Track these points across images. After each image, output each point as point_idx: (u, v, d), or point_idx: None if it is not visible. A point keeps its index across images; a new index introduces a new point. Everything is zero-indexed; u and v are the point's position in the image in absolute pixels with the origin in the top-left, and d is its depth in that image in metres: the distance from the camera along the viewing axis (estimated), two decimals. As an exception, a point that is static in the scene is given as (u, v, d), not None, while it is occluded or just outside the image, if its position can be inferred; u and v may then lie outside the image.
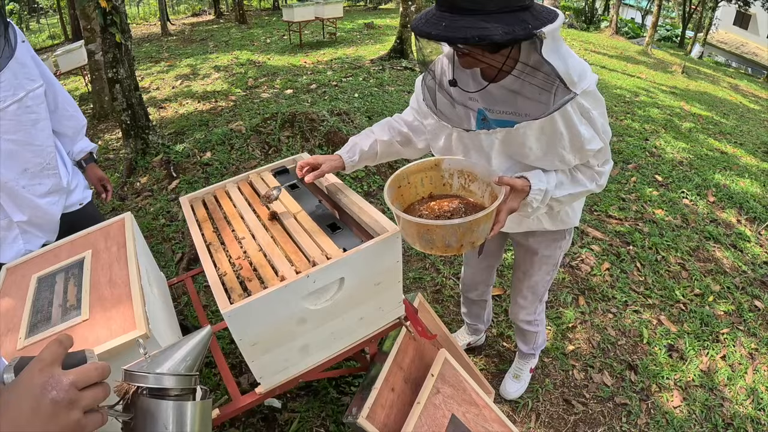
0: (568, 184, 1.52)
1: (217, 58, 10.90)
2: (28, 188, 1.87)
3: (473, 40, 1.17)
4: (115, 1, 4.39)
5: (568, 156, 1.44)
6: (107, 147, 6.12)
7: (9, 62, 1.71)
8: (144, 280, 1.50)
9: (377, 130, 1.82)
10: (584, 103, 1.36)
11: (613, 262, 3.66)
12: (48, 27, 26.40)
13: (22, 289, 1.51)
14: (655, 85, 10.80)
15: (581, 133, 1.39)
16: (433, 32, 1.21)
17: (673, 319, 3.16)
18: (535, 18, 1.22)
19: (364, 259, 1.44)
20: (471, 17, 1.19)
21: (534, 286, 2.12)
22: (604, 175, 1.56)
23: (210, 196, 1.92)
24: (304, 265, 1.40)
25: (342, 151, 1.77)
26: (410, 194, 1.53)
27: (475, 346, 2.81)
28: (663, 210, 4.51)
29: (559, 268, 2.12)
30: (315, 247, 1.46)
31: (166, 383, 0.85)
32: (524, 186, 1.42)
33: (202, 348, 0.95)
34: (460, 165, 1.51)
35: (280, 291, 1.30)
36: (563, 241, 1.97)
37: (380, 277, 1.53)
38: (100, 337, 1.24)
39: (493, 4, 1.18)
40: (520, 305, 2.21)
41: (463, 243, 1.30)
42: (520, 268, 2.11)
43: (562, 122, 1.37)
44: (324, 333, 1.52)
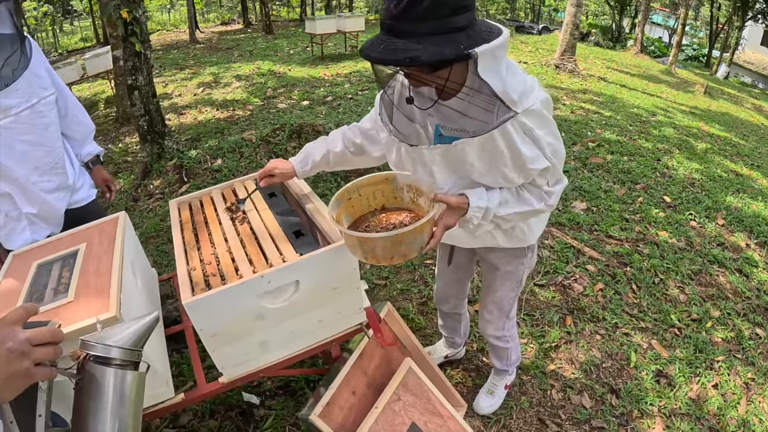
0: (514, 202, 1.53)
1: (239, 67, 11.16)
2: (38, 184, 2.11)
3: (404, 62, 1.24)
4: (136, 13, 4.62)
5: (511, 174, 1.46)
6: (127, 150, 6.37)
7: (24, 72, 1.95)
8: (126, 271, 1.65)
9: (331, 139, 1.90)
10: (526, 121, 1.38)
11: (607, 283, 3.57)
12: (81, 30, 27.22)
13: (23, 272, 1.69)
14: (675, 105, 10.63)
15: (522, 152, 1.40)
16: (372, 54, 1.27)
17: (665, 344, 3.07)
18: (470, 38, 1.24)
19: (319, 264, 1.56)
20: (406, 40, 1.23)
21: (498, 302, 2.13)
22: (554, 195, 1.55)
23: (196, 201, 2.09)
24: (263, 267, 1.53)
25: (295, 160, 1.89)
26: (362, 206, 1.60)
27: (453, 359, 2.80)
28: (667, 232, 4.36)
29: (524, 286, 2.14)
30: (275, 251, 1.61)
31: (110, 353, 1.01)
32: (460, 203, 1.46)
33: (147, 329, 1.10)
34: (408, 180, 1.56)
35: (237, 288, 1.44)
36: (525, 258, 1.97)
37: (337, 283, 1.65)
38: (80, 315, 1.40)
39: (426, 27, 1.22)
40: (486, 320, 2.22)
41: (394, 255, 1.36)
42: (486, 283, 2.15)
43: (502, 141, 1.39)
44: (283, 331, 1.65)
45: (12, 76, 1.90)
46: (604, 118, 7.77)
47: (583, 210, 4.62)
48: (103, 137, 7.17)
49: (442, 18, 1.22)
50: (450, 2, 1.22)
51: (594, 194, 4.90)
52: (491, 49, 1.24)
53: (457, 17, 1.24)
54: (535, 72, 11.25)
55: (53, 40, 24.29)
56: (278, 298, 1.56)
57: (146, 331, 1.09)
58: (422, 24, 1.22)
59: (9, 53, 1.91)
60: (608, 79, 12.16)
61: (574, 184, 5.09)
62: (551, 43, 16.71)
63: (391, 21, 1.25)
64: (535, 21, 34.70)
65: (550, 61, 12.25)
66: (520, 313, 3.18)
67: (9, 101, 1.92)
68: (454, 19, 1.24)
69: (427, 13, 1.21)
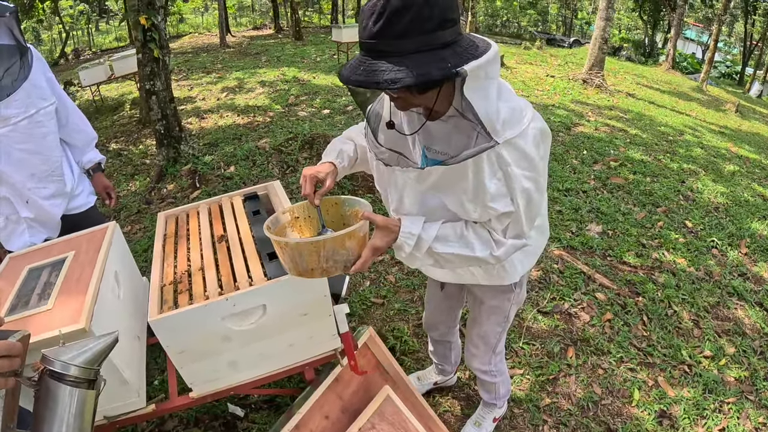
0: (454, 241, 1.37)
1: (264, 73, 11.24)
2: (34, 190, 2.17)
3: (386, 85, 1.09)
4: (155, 19, 4.68)
5: (468, 205, 1.32)
6: (146, 152, 6.48)
7: (23, 83, 2.00)
8: (107, 281, 1.67)
9: (351, 135, 1.73)
10: (504, 154, 1.22)
11: (616, 314, 3.39)
12: (115, 29, 27.87)
13: (15, 275, 1.74)
14: (704, 124, 10.33)
15: (486, 186, 1.26)
16: (351, 77, 1.15)
17: (672, 382, 2.86)
18: (458, 55, 1.12)
19: (287, 289, 1.54)
20: (388, 60, 1.11)
21: (484, 336, 2.01)
22: (504, 248, 1.37)
23: (183, 214, 2.09)
24: (230, 289, 1.52)
25: (331, 158, 1.63)
26: (311, 228, 1.55)
27: (443, 386, 2.71)
28: (686, 259, 4.14)
29: (511, 318, 2.02)
30: (244, 273, 1.59)
31: (65, 370, 1.05)
32: (390, 224, 1.34)
33: (105, 348, 1.13)
34: (354, 205, 1.50)
35: (201, 309, 1.43)
36: (512, 294, 1.84)
37: (306, 309, 1.63)
38: (53, 324, 1.42)
39: (410, 44, 1.10)
40: (472, 353, 2.11)
41: (314, 268, 1.29)
42: (471, 316, 2.04)
43: (471, 166, 1.25)
44: (252, 353, 1.63)
45: (11, 86, 1.95)
46: (629, 136, 7.59)
47: (598, 233, 4.46)
48: (126, 138, 7.30)
49: (427, 33, 1.10)
50: (435, 15, 1.09)
51: (611, 216, 4.74)
52: (482, 66, 1.12)
53: (443, 32, 1.12)
54: (561, 87, 11.12)
55: (88, 38, 24.88)
56: (245, 320, 1.54)
57: (104, 351, 1.12)
58: (404, 41, 1.10)
59: (9, 64, 1.95)
60: (637, 95, 11.94)
61: (591, 206, 4.93)
62: (581, 56, 16.49)
63: (369, 40, 1.13)
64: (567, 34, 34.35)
65: (578, 75, 12.09)
66: (518, 341, 3.08)
67: (8, 111, 1.97)
68: (440, 34, 1.12)
69: (410, 28, 1.09)
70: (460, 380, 2.77)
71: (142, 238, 4.29)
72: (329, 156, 1.64)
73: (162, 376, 2.65)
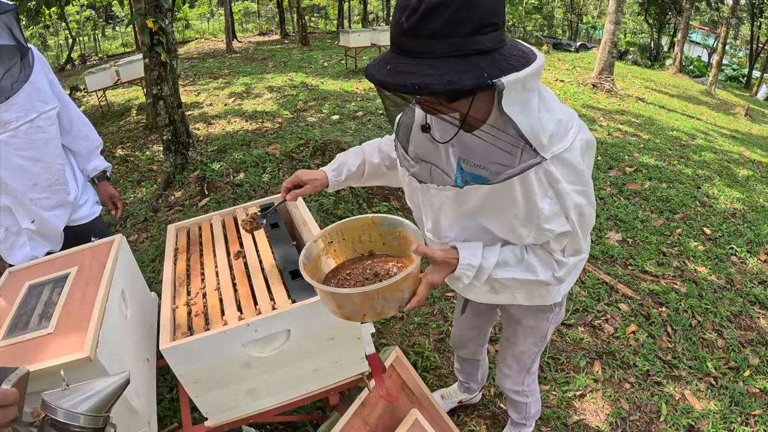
0: (515, 266, 1.28)
1: (272, 78, 11.16)
2: (35, 201, 2.05)
3: (410, 88, 1.00)
4: (162, 23, 4.57)
5: (521, 230, 1.23)
6: (153, 158, 6.37)
7: (24, 85, 1.89)
8: (113, 301, 1.56)
9: (368, 150, 1.67)
10: (553, 170, 1.14)
11: (641, 325, 3.31)
12: (122, 35, 27.95)
13: (14, 293, 1.64)
14: (715, 128, 10.23)
15: (539, 207, 1.17)
16: (377, 75, 1.05)
17: (699, 395, 2.79)
18: (496, 64, 1.01)
19: (313, 312, 1.41)
20: (419, 61, 1.01)
21: (519, 357, 1.91)
22: (565, 267, 1.30)
23: (195, 227, 1.96)
24: (251, 313, 1.39)
25: (328, 168, 1.63)
26: (347, 250, 1.42)
27: (468, 404, 2.61)
28: (706, 267, 4.09)
29: (548, 338, 1.92)
30: (266, 295, 1.45)
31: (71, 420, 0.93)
32: (448, 258, 1.25)
33: (115, 392, 1.00)
34: (396, 225, 1.38)
35: (219, 336, 1.30)
36: (551, 314, 1.74)
37: (334, 333, 1.49)
38: (55, 350, 1.32)
39: (444, 47, 0.99)
40: (504, 373, 2.01)
41: (366, 312, 1.18)
42: (505, 335, 1.94)
43: (519, 188, 1.16)
44: (273, 379, 1.50)
45: (11, 89, 1.84)
46: (642, 141, 7.50)
47: (618, 241, 4.37)
48: (132, 144, 7.20)
49: (462, 36, 0.99)
50: (474, 17, 0.98)
51: (630, 224, 4.65)
52: (521, 80, 1.01)
53: (483, 36, 1.00)
54: (571, 91, 11.00)
55: (94, 44, 24.91)
56: (267, 346, 1.41)
57: (113, 394, 1.00)
58: (437, 42, 0.99)
59: (8, 65, 1.85)
60: (646, 99, 11.80)
61: (609, 213, 4.85)
62: (589, 60, 16.39)
63: (401, 37, 1.03)
64: (573, 38, 34.23)
65: (588, 80, 11.95)
66: (544, 356, 2.97)
67: (8, 115, 1.86)
68: (479, 39, 1.00)
69: (444, 29, 0.98)
70: (484, 397, 2.68)
71: (149, 248, 4.17)
72: (330, 165, 1.64)
73: (171, 394, 2.53)
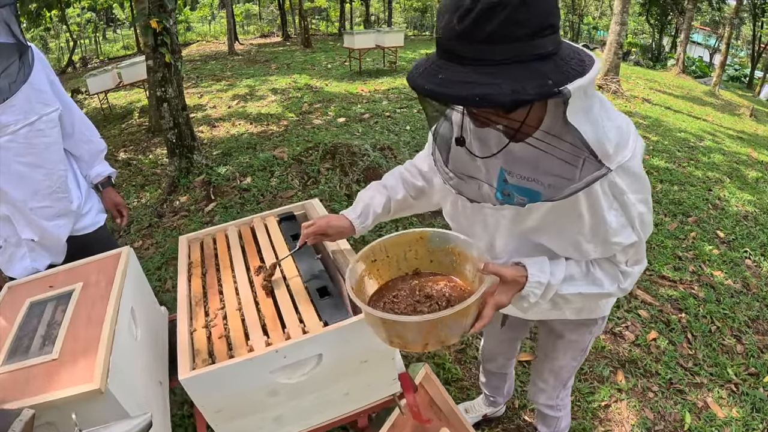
0: (581, 280, 1.21)
1: (276, 80, 11.06)
2: (36, 210, 1.92)
3: (471, 101, 0.90)
4: (167, 23, 4.46)
5: (586, 246, 1.16)
6: (156, 161, 6.26)
7: (23, 86, 1.75)
8: (123, 323, 1.43)
9: (390, 184, 1.59)
10: (618, 181, 1.06)
11: (661, 331, 3.27)
12: (123, 38, 27.94)
13: (14, 311, 1.52)
14: (722, 129, 10.15)
15: (607, 221, 1.10)
16: (426, 86, 0.95)
17: (721, 402, 2.77)
18: (559, 69, 0.92)
19: (347, 335, 1.28)
20: (475, 69, 0.91)
21: (557, 371, 1.83)
22: (630, 278, 1.24)
23: (209, 238, 1.83)
24: (278, 337, 1.26)
25: (351, 213, 1.54)
26: (390, 269, 1.32)
27: (491, 418, 2.55)
28: (722, 272, 4.06)
29: (588, 351, 1.83)
30: (294, 316, 1.33)
31: None
32: (517, 276, 1.16)
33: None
34: (449, 241, 1.29)
35: (245, 364, 1.17)
36: (595, 327, 1.66)
37: (367, 355, 1.37)
38: (60, 379, 1.20)
39: (503, 52, 0.90)
40: (540, 388, 1.94)
41: (429, 341, 1.08)
42: (543, 350, 1.85)
43: (585, 203, 1.08)
44: (301, 405, 1.38)
45: (9, 90, 1.71)
46: (651, 143, 7.42)
47: (634, 246, 4.27)
48: (135, 147, 7.09)
49: (522, 40, 0.90)
50: (532, 19, 0.89)
51: (645, 228, 4.55)
52: (584, 86, 0.92)
53: (543, 39, 0.92)
54: (578, 92, 10.90)
55: (95, 47, 24.84)
56: (296, 372, 1.29)
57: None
58: (494, 47, 0.90)
59: (6, 65, 1.71)
60: (652, 100, 11.70)
61: (624, 217, 4.75)
62: (593, 61, 16.32)
63: (452, 41, 0.93)
64: (575, 39, 34.12)
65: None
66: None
67: (5, 118, 1.73)
68: (539, 42, 0.91)
69: (501, 32, 0.88)
70: (508, 410, 2.62)
71: (155, 255, 4.05)
72: (354, 210, 1.55)
73: (182, 410, 2.44)
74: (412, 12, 35.83)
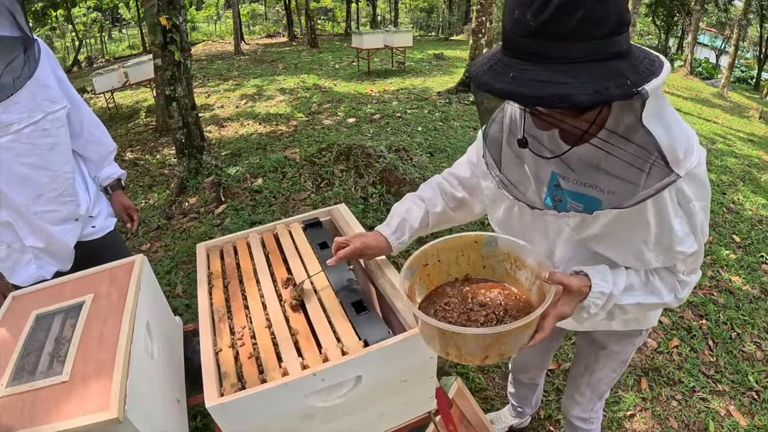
0: (640, 290, 1.16)
1: (284, 80, 10.99)
2: (41, 215, 1.81)
3: (550, 101, 0.84)
4: (176, 20, 4.36)
5: (649, 255, 1.11)
6: (164, 162, 6.17)
7: (27, 82, 1.64)
8: (139, 340, 1.33)
9: (428, 196, 1.51)
10: (685, 189, 1.01)
11: (683, 338, 3.22)
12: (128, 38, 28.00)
13: (20, 323, 1.43)
14: (732, 132, 10.07)
15: (674, 229, 1.05)
16: (496, 85, 0.88)
17: (743, 410, 2.73)
18: (634, 69, 0.87)
19: (389, 356, 1.18)
20: (547, 67, 0.85)
21: (596, 384, 1.76)
22: (687, 287, 1.19)
23: (229, 247, 1.71)
24: (314, 359, 1.15)
25: (386, 229, 1.46)
26: (440, 274, 1.25)
27: (517, 429, 2.49)
28: (740, 277, 4.02)
29: (628, 363, 1.76)
30: (331, 336, 1.21)
31: None
32: (582, 287, 1.09)
33: None
34: (506, 246, 1.21)
35: (280, 389, 1.06)
36: (638, 338, 1.60)
37: (408, 375, 1.26)
38: (73, 407, 1.11)
39: (580, 50, 0.84)
40: (576, 401, 1.86)
41: (489, 354, 1.02)
42: (582, 362, 1.76)
43: (652, 210, 1.04)
44: (335, 428, 1.27)
45: (13, 86, 1.59)
46: (664, 146, 7.29)
47: (652, 250, 4.20)
48: (142, 147, 7.00)
49: (599, 38, 0.84)
50: (611, 16, 0.83)
51: (663, 231, 4.48)
52: (657, 87, 0.87)
53: (619, 37, 0.86)
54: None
55: (101, 46, 24.85)
56: (332, 395, 1.18)
57: None
58: (571, 44, 0.84)
59: (10, 59, 1.60)
60: (661, 102, 11.62)
61: (643, 221, 4.68)
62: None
63: (523, 37, 0.86)
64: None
65: (604, 83, 11.75)
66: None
67: (8, 117, 1.61)
68: (615, 40, 0.86)
69: (580, 28, 0.82)
70: (533, 421, 2.57)
71: (164, 258, 3.94)
72: (388, 226, 1.48)
73: (195, 422, 2.34)
74: (417, 12, 35.81)
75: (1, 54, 1.59)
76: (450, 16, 28.65)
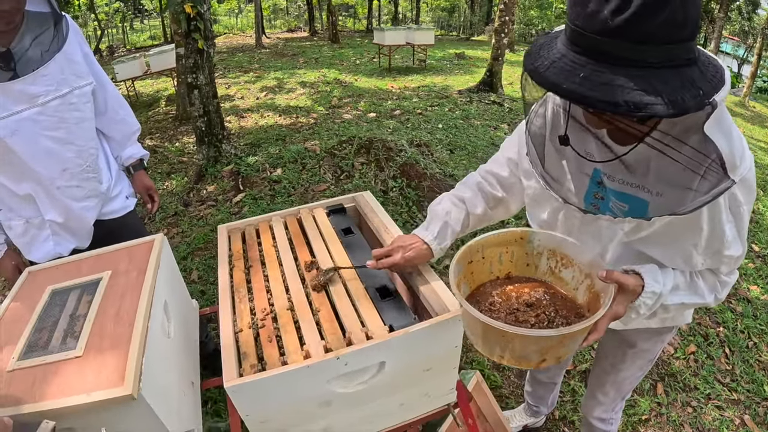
0: (684, 290, 1.16)
1: (304, 74, 11.01)
2: (63, 190, 1.80)
3: (624, 108, 0.79)
4: (201, 8, 4.36)
5: (697, 258, 1.10)
6: (183, 150, 6.19)
7: (56, 55, 1.64)
8: (156, 318, 1.30)
9: (467, 197, 1.47)
10: (738, 194, 1.01)
11: (699, 345, 3.21)
12: (150, 28, 28.21)
13: (34, 298, 1.39)
14: (753, 141, 9.95)
15: (726, 234, 1.05)
16: (564, 85, 0.83)
17: (758, 420, 2.71)
18: (704, 77, 0.84)
19: (414, 342, 1.14)
20: (621, 70, 0.81)
21: (620, 383, 1.73)
22: (727, 287, 1.19)
23: (251, 229, 1.68)
24: (337, 341, 1.11)
25: (427, 235, 1.39)
26: (483, 272, 1.20)
27: (531, 429, 2.47)
28: (758, 286, 3.97)
29: (655, 361, 1.73)
30: (355, 319, 1.18)
31: None
32: (636, 287, 1.07)
33: None
34: (553, 243, 1.17)
35: (302, 371, 1.02)
36: (669, 335, 1.57)
37: (432, 363, 1.23)
38: (86, 382, 1.07)
39: (657, 54, 0.80)
40: (598, 401, 1.82)
41: (547, 357, 0.98)
42: (608, 360, 1.71)
43: (706, 215, 1.03)
44: (352, 416, 1.24)
45: (41, 58, 1.59)
46: (684, 154, 7.20)
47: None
48: (161, 134, 7.04)
49: (676, 42, 0.80)
50: (690, 19, 0.80)
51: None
52: (724, 97, 0.85)
53: (692, 43, 0.83)
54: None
55: (123, 36, 25.05)
56: (353, 381, 1.14)
57: None
58: (649, 48, 0.79)
59: (38, 32, 1.60)
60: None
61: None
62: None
63: (598, 36, 0.81)
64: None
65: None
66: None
67: (35, 88, 1.60)
68: (689, 46, 0.83)
69: (660, 31, 0.78)
70: (547, 420, 2.56)
71: (180, 244, 3.94)
72: (429, 230, 1.41)
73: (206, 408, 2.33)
74: (439, 11, 35.71)
75: (30, 28, 1.59)
76: (472, 15, 28.48)
